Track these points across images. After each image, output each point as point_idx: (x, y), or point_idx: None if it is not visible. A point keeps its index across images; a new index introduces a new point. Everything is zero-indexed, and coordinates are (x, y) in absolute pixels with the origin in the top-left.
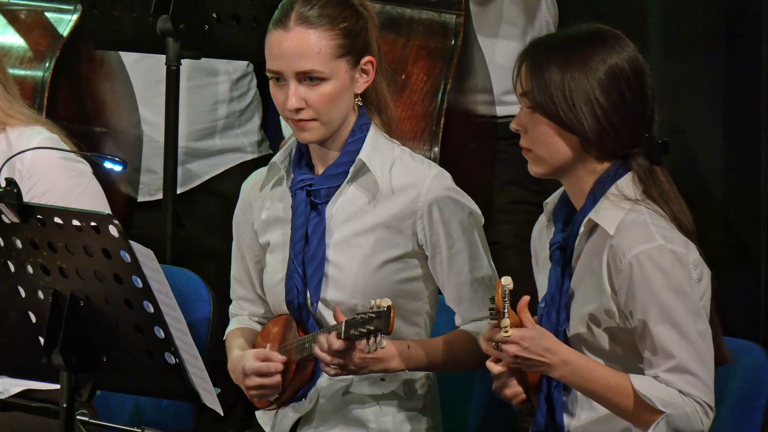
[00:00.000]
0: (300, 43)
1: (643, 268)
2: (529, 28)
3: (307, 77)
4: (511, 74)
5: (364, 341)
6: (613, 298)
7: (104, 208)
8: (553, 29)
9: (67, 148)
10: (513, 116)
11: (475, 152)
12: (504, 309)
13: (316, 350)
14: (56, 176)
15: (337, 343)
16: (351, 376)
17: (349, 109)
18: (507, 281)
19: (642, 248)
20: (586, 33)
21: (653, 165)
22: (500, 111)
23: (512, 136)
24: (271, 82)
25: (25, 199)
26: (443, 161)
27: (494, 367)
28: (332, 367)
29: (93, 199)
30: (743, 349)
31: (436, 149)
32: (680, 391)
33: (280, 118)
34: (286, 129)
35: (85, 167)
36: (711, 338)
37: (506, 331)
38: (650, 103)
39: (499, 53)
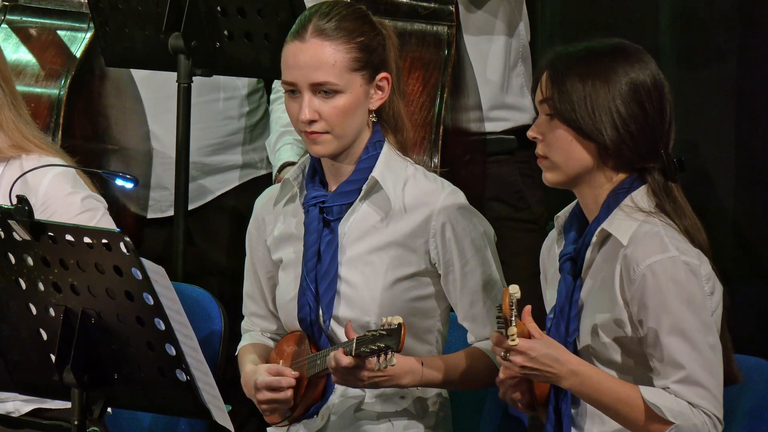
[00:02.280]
0: (315, 55)
1: (657, 278)
2: (508, 45)
3: (322, 89)
4: (502, 88)
5: (375, 358)
6: (625, 309)
7: None
8: (528, 50)
9: (77, 174)
10: (496, 133)
11: (469, 163)
12: (511, 317)
13: (328, 365)
14: (68, 211)
15: (345, 360)
16: (363, 393)
17: (362, 125)
18: (514, 289)
19: (655, 258)
20: (608, 46)
21: (668, 181)
22: (489, 127)
23: (497, 152)
24: (285, 95)
25: None
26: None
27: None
28: (344, 382)
29: None
30: (754, 367)
31: (436, 160)
32: (690, 403)
33: (268, 142)
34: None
35: (99, 203)
36: (721, 352)
37: (513, 340)
38: (669, 120)
39: (485, 68)
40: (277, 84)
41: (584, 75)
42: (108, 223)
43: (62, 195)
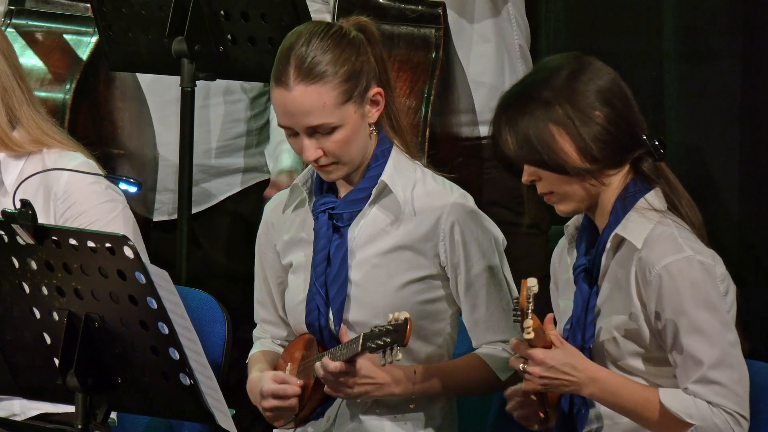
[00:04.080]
0: (303, 101)
1: (673, 278)
2: (502, 46)
3: (318, 130)
4: (498, 90)
5: (381, 354)
6: (641, 311)
7: (136, 237)
8: (527, 50)
9: (93, 172)
10: None
11: (462, 166)
12: (528, 310)
13: (317, 371)
14: (90, 200)
15: (332, 366)
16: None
17: (367, 142)
18: (532, 282)
19: (671, 259)
20: (548, 76)
21: (657, 162)
22: (483, 131)
23: None
24: (284, 131)
25: (59, 221)
26: None
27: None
28: (334, 389)
29: (125, 226)
30: (760, 371)
31: (423, 161)
32: (709, 402)
33: (267, 148)
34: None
35: (120, 196)
36: (740, 348)
37: (528, 333)
38: (634, 104)
39: (478, 71)
40: None
41: (540, 114)
42: (127, 218)
43: (85, 184)
